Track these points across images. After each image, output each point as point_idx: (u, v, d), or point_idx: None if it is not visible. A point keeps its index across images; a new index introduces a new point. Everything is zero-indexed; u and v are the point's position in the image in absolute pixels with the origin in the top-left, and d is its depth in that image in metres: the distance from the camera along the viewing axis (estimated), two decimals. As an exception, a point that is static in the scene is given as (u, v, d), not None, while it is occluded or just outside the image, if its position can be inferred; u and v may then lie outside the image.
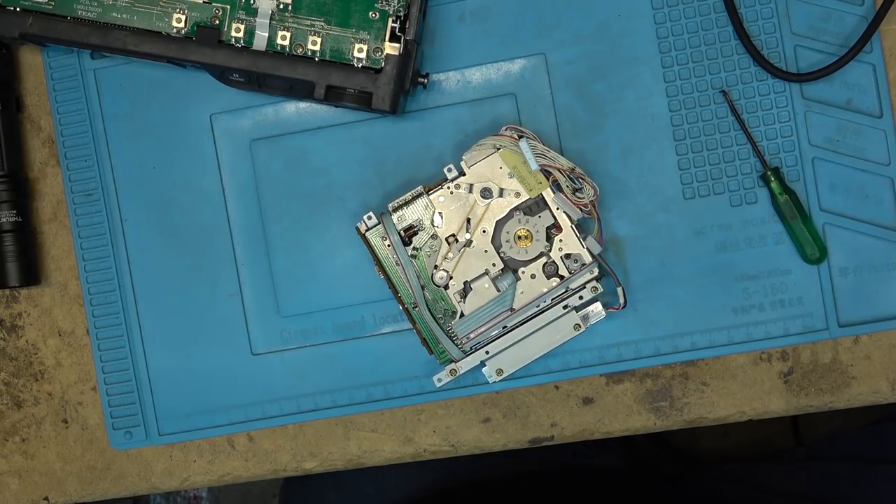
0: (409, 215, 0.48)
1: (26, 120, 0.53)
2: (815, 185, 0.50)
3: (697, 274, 0.50)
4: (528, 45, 0.51)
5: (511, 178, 0.48)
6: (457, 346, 0.48)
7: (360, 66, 0.48)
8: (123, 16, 0.48)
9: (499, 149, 0.48)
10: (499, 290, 0.48)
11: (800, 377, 0.51)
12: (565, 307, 0.48)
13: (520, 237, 0.48)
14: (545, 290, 0.48)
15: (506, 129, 0.48)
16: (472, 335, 0.48)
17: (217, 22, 0.48)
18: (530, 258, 0.48)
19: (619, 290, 0.49)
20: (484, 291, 0.48)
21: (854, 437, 0.64)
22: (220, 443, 0.53)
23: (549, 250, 0.48)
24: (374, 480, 0.68)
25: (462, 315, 0.48)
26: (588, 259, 0.48)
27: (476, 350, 0.49)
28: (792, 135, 0.50)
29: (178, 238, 0.52)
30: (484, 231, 0.48)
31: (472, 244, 0.48)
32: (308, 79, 0.48)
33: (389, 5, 0.48)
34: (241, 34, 0.48)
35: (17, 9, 0.48)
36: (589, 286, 0.48)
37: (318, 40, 0.48)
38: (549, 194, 0.48)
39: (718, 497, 0.71)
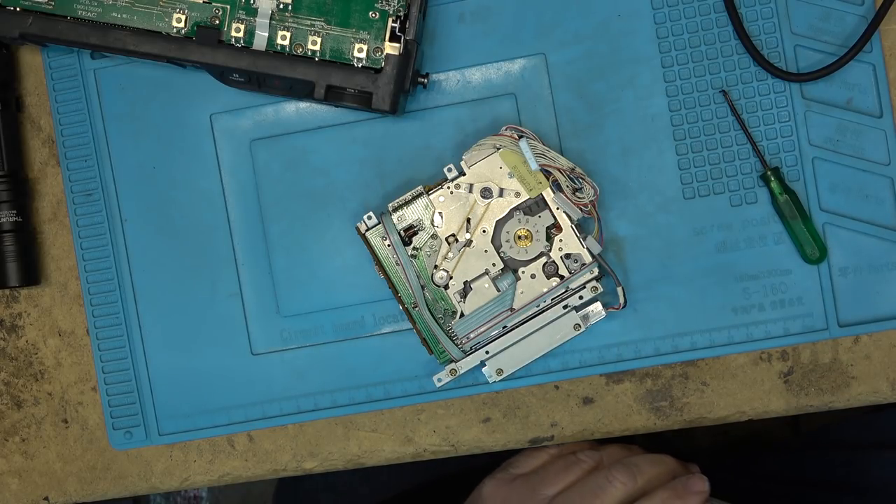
0: (409, 215, 0.48)
1: (26, 120, 0.53)
2: (815, 185, 0.50)
3: (697, 274, 0.50)
4: (528, 45, 0.51)
5: (511, 177, 0.48)
6: (457, 345, 0.48)
7: (360, 66, 0.48)
8: (123, 16, 0.48)
9: (499, 149, 0.48)
10: (499, 290, 0.48)
11: (800, 377, 0.51)
12: (565, 307, 0.48)
13: (520, 237, 0.48)
14: (545, 289, 0.48)
15: (506, 129, 0.48)
16: (472, 335, 0.48)
17: (217, 22, 0.48)
18: (530, 258, 0.48)
19: (619, 290, 0.49)
20: (484, 291, 0.48)
21: (851, 424, 0.65)
22: (220, 443, 0.53)
23: (549, 250, 0.48)
24: (366, 480, 0.68)
25: (462, 315, 0.48)
26: (588, 259, 0.48)
27: (476, 350, 0.49)
28: (792, 135, 0.50)
29: (178, 238, 0.52)
30: (484, 231, 0.48)
31: (472, 244, 0.48)
32: (308, 79, 0.48)
33: (389, 5, 0.48)
34: (241, 34, 0.48)
35: (17, 9, 0.48)
36: (589, 286, 0.48)
37: (318, 40, 0.48)
38: (549, 194, 0.48)
39: (719, 489, 0.71)
